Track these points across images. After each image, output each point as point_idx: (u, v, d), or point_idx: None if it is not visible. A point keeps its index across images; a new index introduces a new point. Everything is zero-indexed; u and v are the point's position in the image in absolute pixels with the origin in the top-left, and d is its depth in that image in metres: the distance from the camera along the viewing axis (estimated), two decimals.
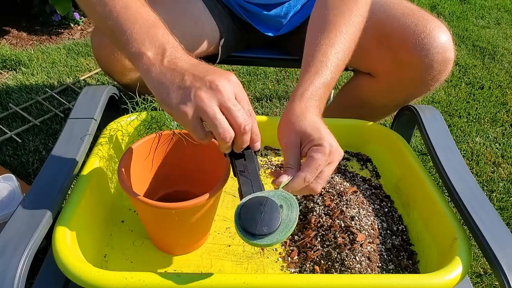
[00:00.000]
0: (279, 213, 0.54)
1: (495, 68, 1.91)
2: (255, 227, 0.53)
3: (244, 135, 0.55)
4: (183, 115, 0.53)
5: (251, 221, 0.53)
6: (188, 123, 0.54)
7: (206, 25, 0.98)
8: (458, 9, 2.45)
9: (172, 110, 0.54)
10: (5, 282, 0.52)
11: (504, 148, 1.45)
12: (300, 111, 0.62)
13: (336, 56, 0.69)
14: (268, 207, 0.54)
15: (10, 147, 1.27)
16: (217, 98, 0.53)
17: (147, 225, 0.70)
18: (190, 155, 0.72)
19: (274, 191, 0.57)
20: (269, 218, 0.53)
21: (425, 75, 0.87)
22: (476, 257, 1.05)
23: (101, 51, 0.88)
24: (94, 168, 0.73)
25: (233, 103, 0.54)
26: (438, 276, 0.59)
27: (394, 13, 0.88)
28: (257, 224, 0.53)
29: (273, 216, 0.54)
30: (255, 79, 1.72)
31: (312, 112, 0.63)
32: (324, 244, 0.72)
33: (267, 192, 0.57)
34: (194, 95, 0.52)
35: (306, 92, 0.65)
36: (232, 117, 0.53)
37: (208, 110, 0.52)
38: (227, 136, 0.53)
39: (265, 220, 0.53)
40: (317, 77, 0.66)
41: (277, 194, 0.57)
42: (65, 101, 1.47)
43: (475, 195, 0.71)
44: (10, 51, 1.74)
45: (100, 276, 0.55)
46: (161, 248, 0.71)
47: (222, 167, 0.65)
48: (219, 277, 0.57)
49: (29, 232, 0.58)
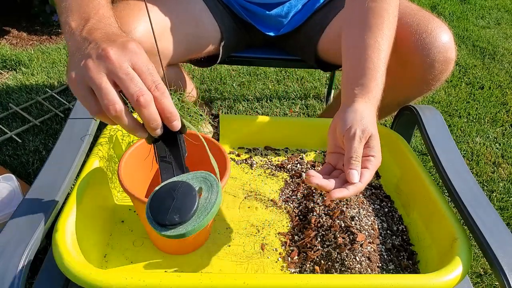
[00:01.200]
0: (195, 197, 0.48)
1: (495, 68, 1.91)
2: (165, 217, 0.46)
3: (142, 108, 0.48)
4: (71, 84, 0.49)
5: (161, 210, 0.47)
6: (77, 94, 0.50)
7: (207, 25, 0.98)
8: (458, 9, 2.45)
9: (67, 80, 0.51)
10: (5, 282, 0.52)
11: (504, 148, 1.45)
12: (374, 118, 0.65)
13: (384, 61, 0.71)
14: (181, 192, 0.48)
15: (10, 147, 1.27)
16: (106, 66, 0.48)
17: (147, 225, 0.70)
18: (189, 155, 0.72)
19: (194, 173, 0.51)
20: (182, 204, 0.47)
21: (426, 75, 0.87)
22: (476, 257, 1.05)
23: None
24: (94, 168, 0.73)
25: (125, 72, 0.48)
26: (438, 276, 0.59)
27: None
28: (168, 213, 0.47)
29: (186, 201, 0.47)
30: (255, 79, 1.72)
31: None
32: (324, 244, 0.72)
33: (186, 176, 0.51)
34: (83, 63, 0.49)
35: (373, 97, 0.67)
36: (123, 87, 0.48)
37: (93, 79, 0.48)
38: (111, 109, 0.48)
39: (177, 207, 0.47)
40: (375, 85, 0.68)
41: (196, 176, 0.51)
42: (65, 101, 1.47)
43: (475, 195, 0.71)
44: (10, 51, 1.74)
45: (100, 276, 0.55)
46: (161, 249, 0.71)
47: (222, 167, 0.65)
48: (219, 277, 0.57)
49: (29, 232, 0.58)
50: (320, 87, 1.70)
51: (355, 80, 0.69)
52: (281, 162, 0.92)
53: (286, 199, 0.82)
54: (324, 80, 1.75)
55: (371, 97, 0.67)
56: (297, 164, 0.91)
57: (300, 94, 1.65)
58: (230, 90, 1.65)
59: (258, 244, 0.73)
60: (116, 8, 0.87)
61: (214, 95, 1.61)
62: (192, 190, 0.49)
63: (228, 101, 1.59)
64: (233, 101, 1.58)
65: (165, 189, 0.49)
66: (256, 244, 0.73)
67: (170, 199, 0.48)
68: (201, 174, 0.51)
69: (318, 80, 1.75)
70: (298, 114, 1.56)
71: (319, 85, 1.71)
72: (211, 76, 1.72)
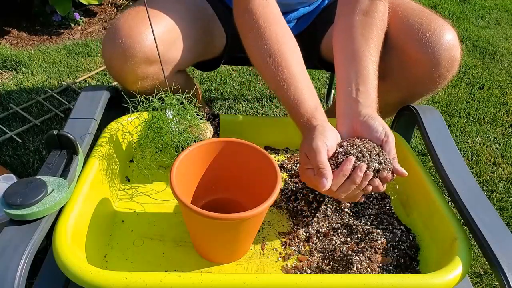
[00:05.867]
0: (44, 192, 0.61)
1: (495, 68, 1.91)
2: (10, 198, 0.59)
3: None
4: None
5: (12, 194, 0.60)
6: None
7: (215, 31, 0.98)
8: (458, 9, 2.45)
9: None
10: (5, 282, 0.52)
11: (504, 148, 1.45)
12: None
13: (375, 66, 0.78)
14: (34, 185, 0.62)
15: (10, 147, 1.27)
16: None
17: (191, 231, 0.70)
18: (234, 163, 0.72)
19: (54, 178, 0.65)
20: (29, 194, 0.60)
21: (432, 73, 0.87)
22: (476, 257, 1.05)
23: (114, 61, 0.86)
24: (94, 168, 0.73)
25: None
26: (438, 276, 0.59)
27: (398, 12, 0.88)
28: (16, 196, 0.59)
29: (34, 193, 0.60)
30: (255, 79, 1.72)
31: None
32: (324, 244, 0.72)
33: (49, 178, 0.65)
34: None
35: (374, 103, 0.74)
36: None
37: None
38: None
39: (24, 194, 0.60)
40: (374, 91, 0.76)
41: (56, 181, 0.64)
42: (65, 101, 1.47)
43: (475, 195, 0.71)
44: (11, 51, 1.74)
45: (100, 276, 0.55)
46: (204, 256, 0.70)
47: (270, 178, 0.65)
48: (219, 277, 0.57)
49: (29, 232, 0.58)
50: (320, 87, 1.70)
51: (357, 87, 0.75)
52: (281, 162, 0.92)
53: (286, 199, 0.82)
54: (324, 80, 1.75)
55: (373, 103, 0.74)
56: (297, 164, 0.91)
57: None
58: (230, 90, 1.65)
59: (258, 244, 0.73)
60: (126, 15, 0.86)
61: (214, 95, 1.61)
62: (44, 187, 0.62)
63: (228, 101, 1.59)
64: (233, 101, 1.58)
65: (25, 181, 0.62)
66: (256, 244, 0.73)
67: (23, 188, 0.61)
68: (59, 180, 0.65)
69: (318, 80, 1.75)
70: None
71: (319, 85, 1.71)
72: (211, 76, 1.72)
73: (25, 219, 0.59)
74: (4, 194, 0.60)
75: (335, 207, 0.80)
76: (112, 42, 0.84)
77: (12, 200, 0.59)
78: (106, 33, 0.88)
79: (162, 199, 0.80)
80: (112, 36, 0.84)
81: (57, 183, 0.64)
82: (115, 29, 0.84)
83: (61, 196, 0.62)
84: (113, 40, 0.84)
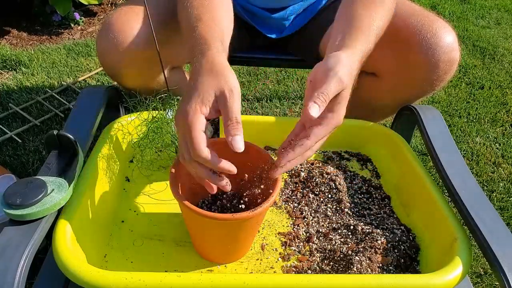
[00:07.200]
0: (43, 192, 0.61)
1: (495, 68, 1.91)
2: (10, 198, 0.59)
3: None
4: None
5: (12, 194, 0.60)
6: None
7: None
8: (458, 9, 2.45)
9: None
10: (5, 282, 0.52)
11: (504, 148, 1.45)
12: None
13: (375, 31, 0.70)
14: (34, 185, 0.61)
15: (10, 147, 1.27)
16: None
17: (191, 231, 0.70)
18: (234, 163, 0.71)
19: (54, 178, 0.65)
20: (28, 194, 0.60)
21: (430, 75, 0.87)
22: (476, 257, 1.05)
23: (107, 56, 0.86)
24: (94, 168, 0.73)
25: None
26: (438, 276, 0.59)
27: (398, 13, 0.88)
28: (15, 196, 0.59)
29: (34, 193, 0.60)
30: (255, 79, 1.72)
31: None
32: (324, 244, 0.72)
33: (49, 178, 0.65)
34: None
35: (359, 49, 0.64)
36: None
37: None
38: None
39: (24, 194, 0.60)
40: (363, 38, 0.66)
41: (56, 181, 0.64)
42: (65, 101, 1.47)
43: (475, 195, 0.71)
44: (10, 51, 1.74)
45: (100, 276, 0.55)
46: (205, 256, 0.70)
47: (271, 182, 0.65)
48: (219, 277, 0.57)
49: (29, 232, 0.58)
50: None
51: (342, 35, 0.67)
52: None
53: (286, 199, 0.82)
54: None
55: (357, 49, 0.64)
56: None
57: (300, 94, 1.65)
58: None
59: (258, 244, 0.73)
60: (119, 11, 0.86)
61: None
62: (44, 187, 0.61)
63: None
64: None
65: (25, 181, 0.62)
66: (256, 244, 0.73)
67: (23, 189, 0.61)
68: (59, 180, 0.65)
69: None
70: (298, 114, 1.56)
71: None
72: None
73: (25, 219, 0.59)
74: (4, 194, 0.60)
75: (335, 207, 0.80)
76: (105, 38, 0.85)
77: (12, 200, 0.59)
78: (99, 29, 0.89)
79: (162, 199, 0.80)
80: (105, 31, 0.84)
81: (57, 183, 0.64)
82: (108, 24, 0.85)
83: (61, 196, 0.62)
84: (106, 35, 0.84)
